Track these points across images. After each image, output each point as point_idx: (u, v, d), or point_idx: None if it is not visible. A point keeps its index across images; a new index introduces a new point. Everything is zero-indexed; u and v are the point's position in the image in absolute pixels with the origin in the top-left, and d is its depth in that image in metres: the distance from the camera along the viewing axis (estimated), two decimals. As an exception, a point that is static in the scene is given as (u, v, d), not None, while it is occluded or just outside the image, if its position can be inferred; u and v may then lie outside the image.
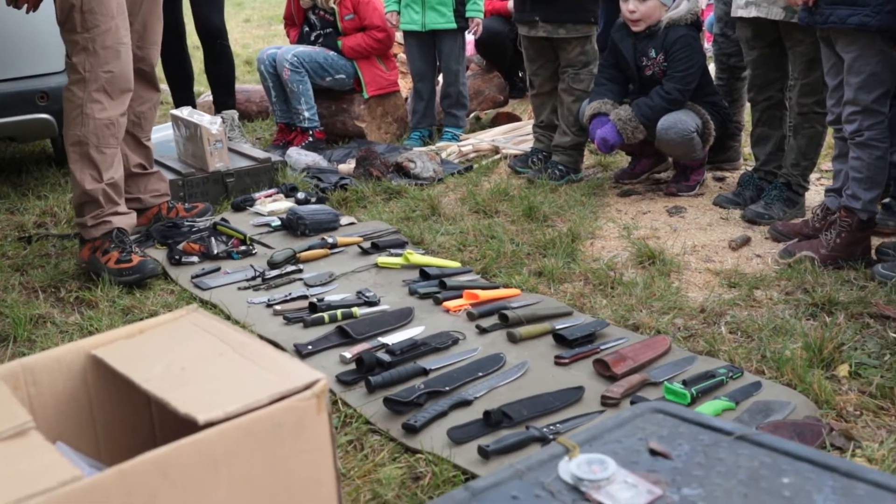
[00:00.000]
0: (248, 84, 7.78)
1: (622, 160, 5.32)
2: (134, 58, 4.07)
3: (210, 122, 4.79)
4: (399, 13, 5.94)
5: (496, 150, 5.65)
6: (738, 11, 4.36)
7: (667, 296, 3.51)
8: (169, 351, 1.67)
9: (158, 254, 4.13)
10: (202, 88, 8.07)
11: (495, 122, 6.46)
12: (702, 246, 4.11)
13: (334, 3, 5.90)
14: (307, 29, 6.10)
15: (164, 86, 7.41)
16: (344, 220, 4.45)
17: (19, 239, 4.45)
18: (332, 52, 5.91)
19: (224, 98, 5.97)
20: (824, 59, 3.92)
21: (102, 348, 1.71)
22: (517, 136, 5.85)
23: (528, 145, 5.56)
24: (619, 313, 3.36)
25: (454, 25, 5.84)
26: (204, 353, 1.65)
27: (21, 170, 5.76)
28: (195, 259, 4.00)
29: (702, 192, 4.84)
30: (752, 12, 4.26)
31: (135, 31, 4.08)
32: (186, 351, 1.67)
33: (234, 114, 5.94)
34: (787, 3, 3.91)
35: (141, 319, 3.47)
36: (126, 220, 3.96)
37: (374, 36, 5.91)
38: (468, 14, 5.82)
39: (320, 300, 3.45)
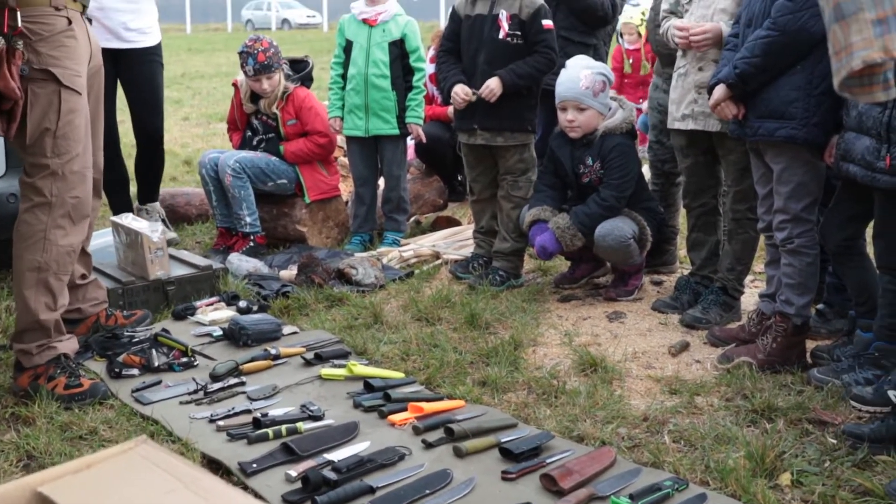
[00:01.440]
0: (188, 186, 7.77)
1: (562, 264, 5.39)
2: None
3: (151, 230, 4.77)
4: (342, 119, 6.03)
5: (437, 256, 5.70)
6: (674, 124, 4.50)
7: (610, 404, 3.55)
8: (118, 488, 1.65)
9: (98, 366, 4.06)
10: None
11: (435, 226, 6.52)
12: (642, 352, 4.16)
13: (277, 108, 5.96)
14: (250, 133, 6.14)
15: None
16: (286, 329, 4.43)
17: (-48, 351, 4.35)
18: (273, 158, 5.95)
19: (150, 192, 6.30)
20: (754, 169, 4.06)
21: (49, 485, 1.68)
22: (457, 242, 5.91)
23: (468, 250, 5.62)
24: (564, 424, 3.38)
25: (397, 132, 5.93)
26: (154, 490, 1.63)
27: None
28: (135, 372, 3.94)
29: (640, 297, 4.93)
30: (689, 125, 4.40)
31: None
32: (136, 487, 1.65)
33: (156, 205, 6.28)
34: (719, 116, 4.05)
35: (80, 437, 3.42)
36: (70, 344, 3.88)
37: (316, 141, 5.97)
38: (408, 121, 5.92)
39: (264, 415, 3.42)
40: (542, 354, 4.17)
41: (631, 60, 9.27)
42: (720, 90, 3.89)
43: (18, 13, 3.53)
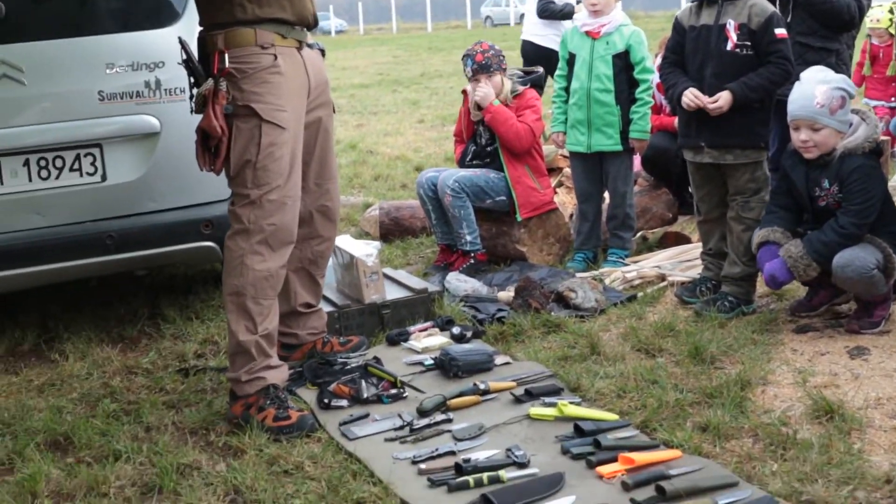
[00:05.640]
0: (413, 199, 7.76)
1: (798, 289, 4.95)
2: (314, 195, 4.17)
3: (366, 255, 4.75)
4: (565, 133, 5.87)
5: (662, 278, 5.40)
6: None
7: (847, 461, 3.19)
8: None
9: (309, 394, 4.07)
10: (372, 199, 8.16)
11: (663, 242, 6.20)
12: (888, 398, 3.73)
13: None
14: (473, 147, 6.03)
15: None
16: (499, 359, 4.28)
17: (178, 371, 4.48)
18: (493, 174, 5.83)
19: None
20: None
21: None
22: (684, 262, 5.59)
23: (695, 271, 5.29)
24: (791, 484, 3.06)
25: (620, 147, 5.69)
26: None
27: (188, 290, 5.84)
28: (344, 403, 3.91)
29: (888, 330, 4.43)
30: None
31: (312, 170, 4.15)
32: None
33: None
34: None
35: (286, 471, 3.41)
36: (278, 374, 3.93)
37: (520, 123, 5.75)
38: (631, 136, 5.67)
39: (466, 460, 3.27)
40: (772, 396, 3.83)
41: (881, 55, 8.55)
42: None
43: (227, 55, 3.72)
